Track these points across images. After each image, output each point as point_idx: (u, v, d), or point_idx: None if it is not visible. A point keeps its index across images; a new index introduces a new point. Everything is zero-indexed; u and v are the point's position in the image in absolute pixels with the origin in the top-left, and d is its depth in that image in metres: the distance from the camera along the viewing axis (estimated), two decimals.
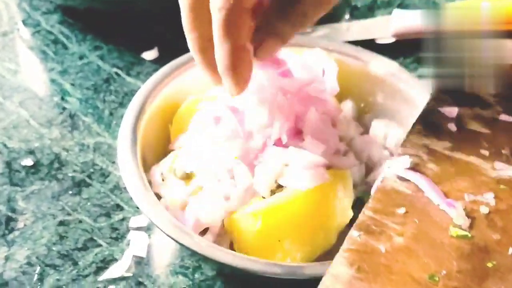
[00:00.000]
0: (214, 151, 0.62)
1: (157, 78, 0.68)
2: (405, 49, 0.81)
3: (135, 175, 0.62)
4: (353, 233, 0.53)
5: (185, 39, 0.80)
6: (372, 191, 0.56)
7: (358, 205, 0.61)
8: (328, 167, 0.62)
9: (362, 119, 0.71)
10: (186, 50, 0.75)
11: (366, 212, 0.54)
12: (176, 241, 0.60)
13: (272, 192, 0.61)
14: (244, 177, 0.62)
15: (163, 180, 0.65)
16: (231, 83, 0.58)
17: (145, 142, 0.66)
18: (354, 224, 0.54)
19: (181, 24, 0.82)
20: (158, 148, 0.67)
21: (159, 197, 0.63)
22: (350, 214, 0.62)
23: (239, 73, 0.57)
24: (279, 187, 0.61)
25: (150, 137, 0.67)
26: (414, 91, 0.69)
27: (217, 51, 0.57)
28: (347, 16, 0.86)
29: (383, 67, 0.70)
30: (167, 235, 0.60)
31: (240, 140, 0.62)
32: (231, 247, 0.62)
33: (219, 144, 0.62)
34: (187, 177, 0.64)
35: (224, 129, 0.63)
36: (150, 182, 0.63)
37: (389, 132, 0.69)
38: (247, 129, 0.62)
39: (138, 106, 0.66)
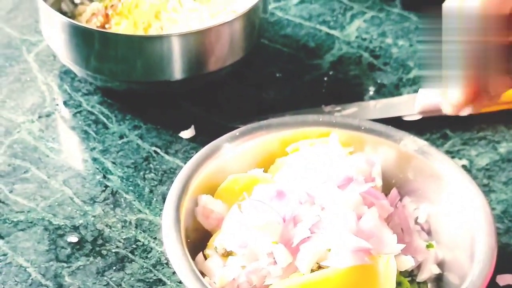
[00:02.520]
0: (254, 234, 0.65)
1: (198, 158, 0.72)
2: (431, 126, 0.84)
3: (179, 250, 0.65)
4: None
5: (219, 117, 0.85)
6: None
7: None
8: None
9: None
10: (221, 127, 0.79)
11: None
12: None
13: (312, 271, 0.64)
14: (284, 258, 0.64)
15: (205, 258, 0.68)
16: None
17: (188, 219, 0.68)
18: None
19: (216, 103, 0.86)
20: (200, 226, 0.70)
21: (203, 274, 0.66)
22: None
23: None
24: (320, 268, 0.64)
25: (192, 214, 0.69)
26: (442, 167, 0.71)
27: None
28: (373, 94, 0.89)
29: (413, 145, 0.73)
30: None
31: (279, 226, 0.65)
32: None
33: (258, 227, 0.65)
34: (228, 254, 0.67)
35: (265, 213, 0.65)
36: (194, 260, 0.66)
37: (419, 208, 0.72)
38: (292, 213, 0.65)
39: (181, 184, 0.69)
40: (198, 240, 0.69)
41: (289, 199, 0.66)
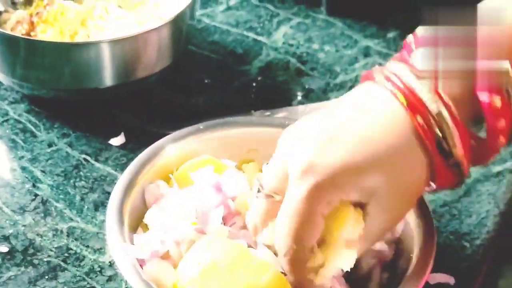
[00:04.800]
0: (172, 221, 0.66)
1: (141, 160, 0.72)
2: None
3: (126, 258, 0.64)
4: None
5: (149, 124, 0.84)
6: None
7: None
8: None
9: None
10: (151, 134, 0.78)
11: None
12: None
13: None
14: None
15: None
16: None
17: (132, 223, 0.68)
18: None
19: (146, 110, 0.86)
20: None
21: None
22: None
23: None
24: None
25: (137, 218, 0.69)
26: None
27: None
28: (301, 99, 0.90)
29: None
30: None
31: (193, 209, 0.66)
32: None
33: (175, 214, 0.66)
34: None
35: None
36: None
37: None
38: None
39: (122, 192, 0.69)
40: None
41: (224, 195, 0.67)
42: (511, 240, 0.82)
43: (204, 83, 0.91)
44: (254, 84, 0.92)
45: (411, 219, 0.67)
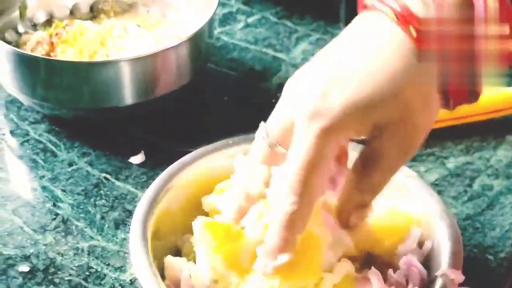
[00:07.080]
0: None
1: (160, 181, 0.71)
2: None
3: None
4: None
5: (169, 141, 0.84)
6: None
7: None
8: None
9: None
10: (171, 152, 0.78)
11: None
12: None
13: None
14: None
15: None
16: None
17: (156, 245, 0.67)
18: None
19: (165, 128, 0.86)
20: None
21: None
22: None
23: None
24: None
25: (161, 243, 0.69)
26: (407, 180, 0.71)
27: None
28: None
29: None
30: None
31: None
32: None
33: None
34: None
35: None
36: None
37: None
38: None
39: (145, 209, 0.68)
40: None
41: None
42: None
43: (223, 100, 0.91)
44: (273, 101, 0.90)
45: (439, 235, 0.67)
